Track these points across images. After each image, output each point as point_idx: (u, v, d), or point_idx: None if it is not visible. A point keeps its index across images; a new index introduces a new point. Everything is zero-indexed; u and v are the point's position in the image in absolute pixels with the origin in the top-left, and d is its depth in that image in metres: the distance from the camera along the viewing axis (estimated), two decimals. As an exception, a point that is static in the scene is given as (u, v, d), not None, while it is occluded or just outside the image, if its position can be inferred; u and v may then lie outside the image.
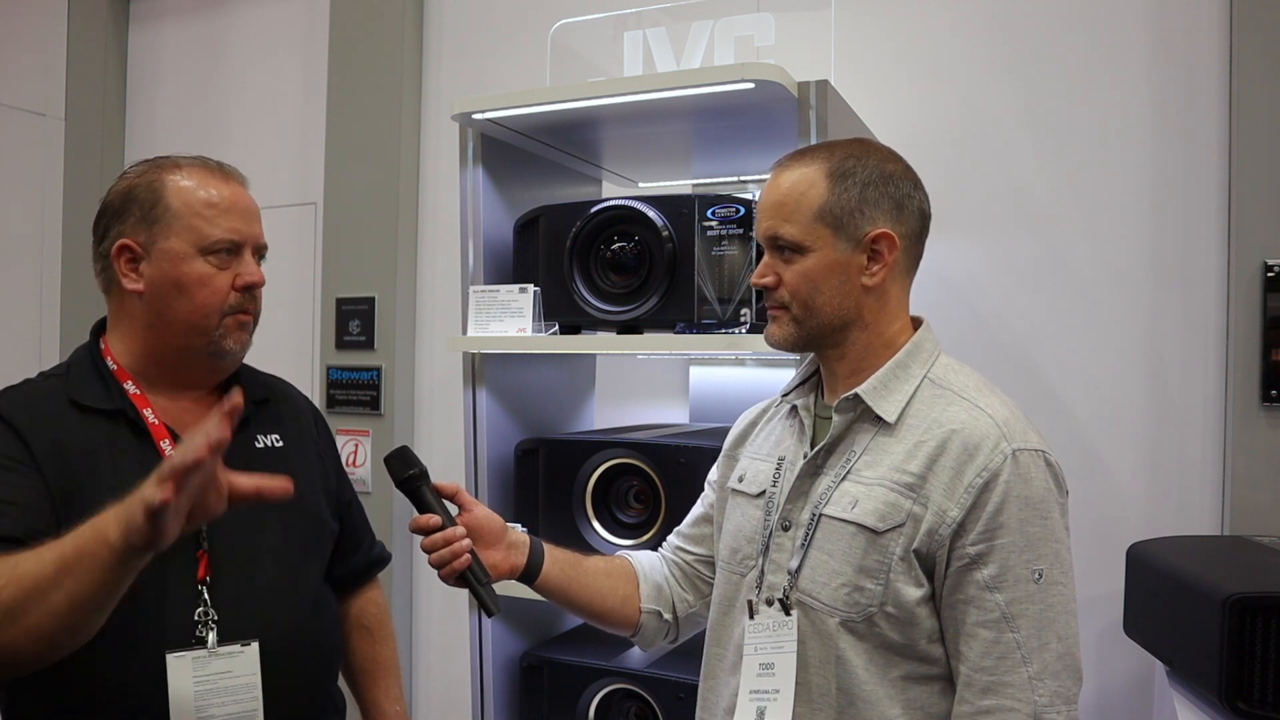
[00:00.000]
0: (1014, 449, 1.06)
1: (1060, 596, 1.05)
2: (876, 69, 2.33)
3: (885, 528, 1.07)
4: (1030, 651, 1.03)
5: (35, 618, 0.98)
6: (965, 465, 1.06)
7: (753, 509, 1.22)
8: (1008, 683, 1.03)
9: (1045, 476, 1.07)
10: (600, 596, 1.32)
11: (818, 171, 1.14)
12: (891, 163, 1.16)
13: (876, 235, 1.12)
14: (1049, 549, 1.05)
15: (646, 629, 1.34)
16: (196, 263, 1.23)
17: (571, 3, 2.56)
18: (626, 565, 1.37)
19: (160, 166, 1.27)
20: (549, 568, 1.30)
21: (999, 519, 1.04)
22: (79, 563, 0.96)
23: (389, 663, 1.52)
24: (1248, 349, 1.96)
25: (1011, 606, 1.04)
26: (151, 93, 3.47)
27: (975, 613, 1.05)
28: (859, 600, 1.08)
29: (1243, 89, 1.98)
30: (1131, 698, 2.08)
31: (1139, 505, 2.10)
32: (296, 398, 1.47)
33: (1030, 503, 1.05)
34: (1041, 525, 1.05)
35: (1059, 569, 1.06)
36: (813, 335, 1.16)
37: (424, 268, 2.91)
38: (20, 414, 1.18)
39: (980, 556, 1.05)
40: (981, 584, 1.05)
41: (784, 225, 1.14)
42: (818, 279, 1.13)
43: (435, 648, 2.86)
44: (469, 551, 1.20)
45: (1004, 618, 1.04)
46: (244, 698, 1.19)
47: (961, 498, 1.06)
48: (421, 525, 1.20)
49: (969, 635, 1.05)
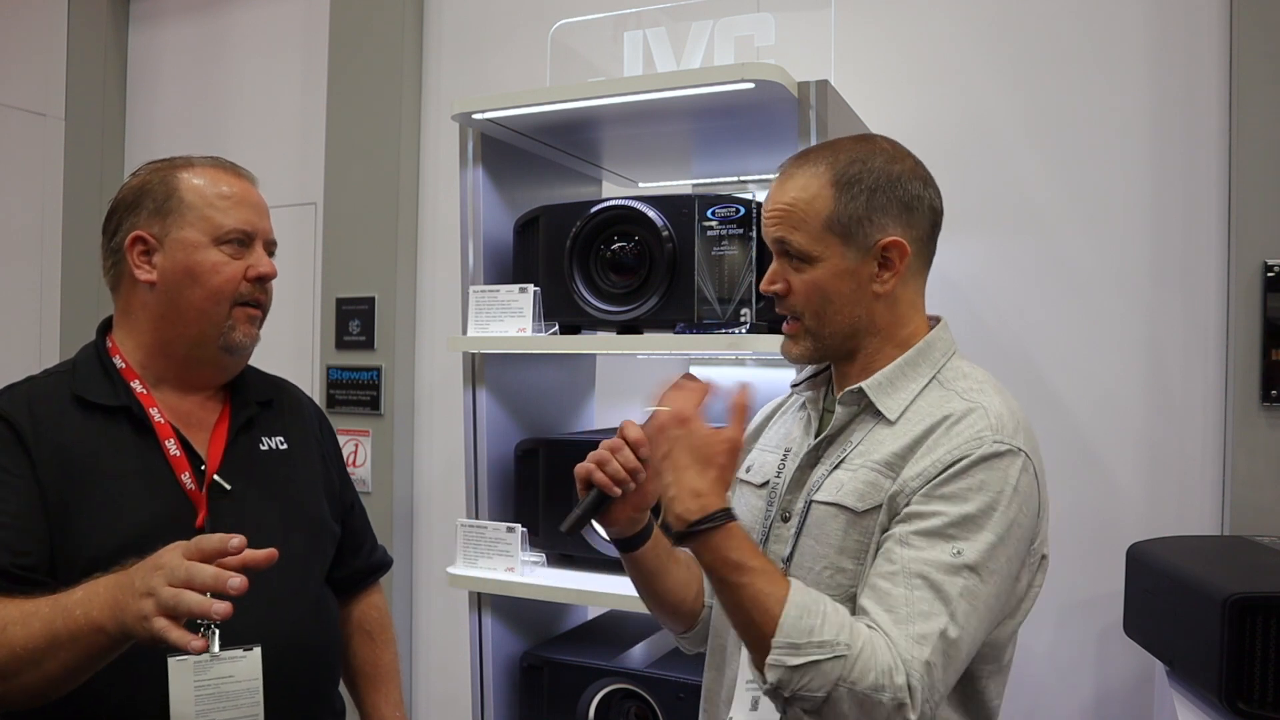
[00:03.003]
0: (994, 439, 1.04)
1: (970, 583, 0.98)
2: (876, 69, 2.33)
3: (864, 507, 1.06)
4: (917, 614, 0.97)
5: (29, 679, 1.01)
6: (940, 444, 1.05)
7: (756, 499, 1.22)
8: (889, 636, 0.96)
9: (1016, 475, 1.03)
10: (680, 587, 1.30)
11: (824, 178, 1.12)
12: (898, 163, 1.14)
13: (887, 244, 1.11)
14: (982, 537, 1.00)
15: (701, 625, 1.32)
16: (210, 252, 1.25)
17: (571, 3, 2.56)
18: (695, 563, 1.36)
19: (174, 164, 1.30)
20: (651, 546, 1.25)
21: (945, 489, 1.01)
22: (72, 642, 0.99)
23: (390, 668, 1.51)
24: (1248, 349, 1.96)
25: (915, 565, 0.98)
26: (151, 93, 3.47)
27: (882, 564, 1.01)
28: (840, 581, 1.07)
29: (1243, 89, 1.98)
30: (1131, 698, 2.08)
31: (1139, 505, 2.10)
32: (301, 399, 1.48)
33: (986, 488, 1.01)
34: (985, 512, 1.00)
35: (983, 560, 0.99)
36: (829, 347, 1.16)
37: (424, 268, 2.91)
38: (24, 415, 1.18)
39: (911, 516, 1.02)
40: (897, 538, 1.01)
41: (792, 234, 1.13)
42: (828, 289, 1.12)
43: (435, 648, 2.86)
44: (620, 489, 1.15)
45: (903, 572, 0.98)
46: (245, 703, 1.19)
47: (926, 470, 1.04)
48: (638, 437, 1.15)
49: (869, 585, 1.01)
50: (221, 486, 1.25)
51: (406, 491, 2.86)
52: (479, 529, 1.85)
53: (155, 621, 0.93)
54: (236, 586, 0.94)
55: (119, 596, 0.97)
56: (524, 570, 1.82)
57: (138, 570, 0.97)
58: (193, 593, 0.93)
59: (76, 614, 0.98)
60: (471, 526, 1.86)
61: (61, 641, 0.98)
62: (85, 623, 0.97)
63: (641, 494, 1.19)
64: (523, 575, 1.81)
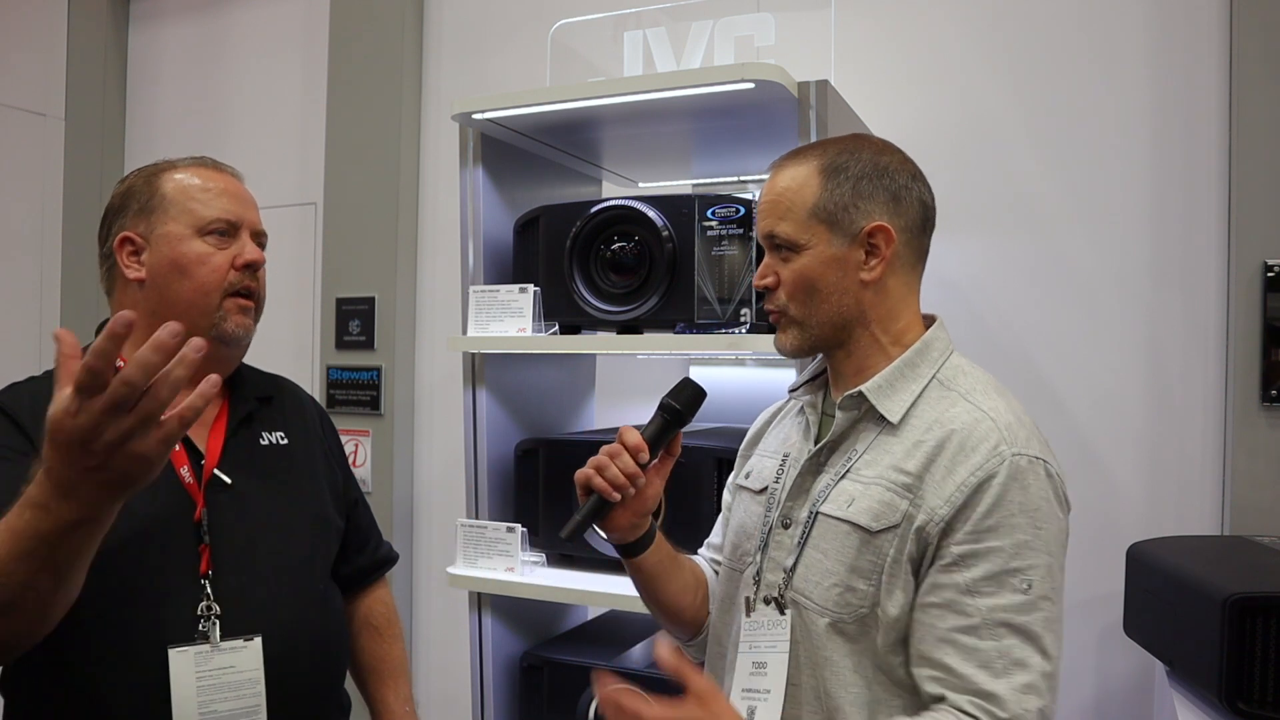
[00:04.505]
0: (1013, 453, 1.03)
1: (1048, 613, 1.00)
2: (876, 69, 2.33)
3: (879, 527, 1.05)
4: (1013, 663, 0.98)
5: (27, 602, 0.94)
6: (959, 464, 1.03)
7: (755, 505, 1.21)
8: (992, 693, 0.97)
9: (1044, 486, 1.03)
10: (683, 594, 1.29)
11: (812, 168, 1.13)
12: (887, 155, 1.15)
13: (872, 229, 1.11)
14: (1040, 560, 1.01)
15: (705, 633, 1.32)
16: (195, 243, 1.26)
17: (571, 3, 2.56)
18: (699, 570, 1.34)
19: (158, 168, 1.32)
20: (652, 553, 1.25)
21: (989, 521, 1.00)
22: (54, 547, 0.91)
23: (398, 662, 1.51)
24: (1248, 349, 1.96)
25: (995, 614, 0.99)
26: (151, 93, 3.47)
27: (954, 618, 1.00)
28: (850, 601, 1.06)
29: (1243, 89, 1.98)
30: (1131, 698, 2.08)
31: (1139, 505, 2.10)
32: (301, 395, 1.48)
33: (1025, 509, 1.01)
34: (1035, 534, 1.01)
35: (1049, 585, 1.01)
36: (819, 337, 1.15)
37: (424, 268, 2.91)
38: (24, 409, 1.19)
39: (964, 558, 1.01)
40: (963, 588, 1.00)
41: (779, 223, 1.14)
42: (814, 276, 1.12)
43: (435, 647, 2.86)
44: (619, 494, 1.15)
45: (985, 624, 0.99)
46: (247, 693, 1.19)
47: (953, 496, 1.02)
48: (637, 444, 1.16)
49: (943, 641, 1.00)
50: (222, 480, 1.25)
51: (406, 491, 2.86)
52: (479, 529, 1.85)
53: (153, 443, 0.85)
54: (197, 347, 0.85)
55: (77, 488, 0.87)
56: (524, 570, 1.82)
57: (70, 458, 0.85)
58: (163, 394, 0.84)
59: (42, 528, 0.89)
60: (471, 526, 1.86)
61: (40, 554, 0.90)
62: (57, 526, 0.89)
63: (641, 499, 1.19)
64: (523, 575, 1.81)
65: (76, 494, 0.88)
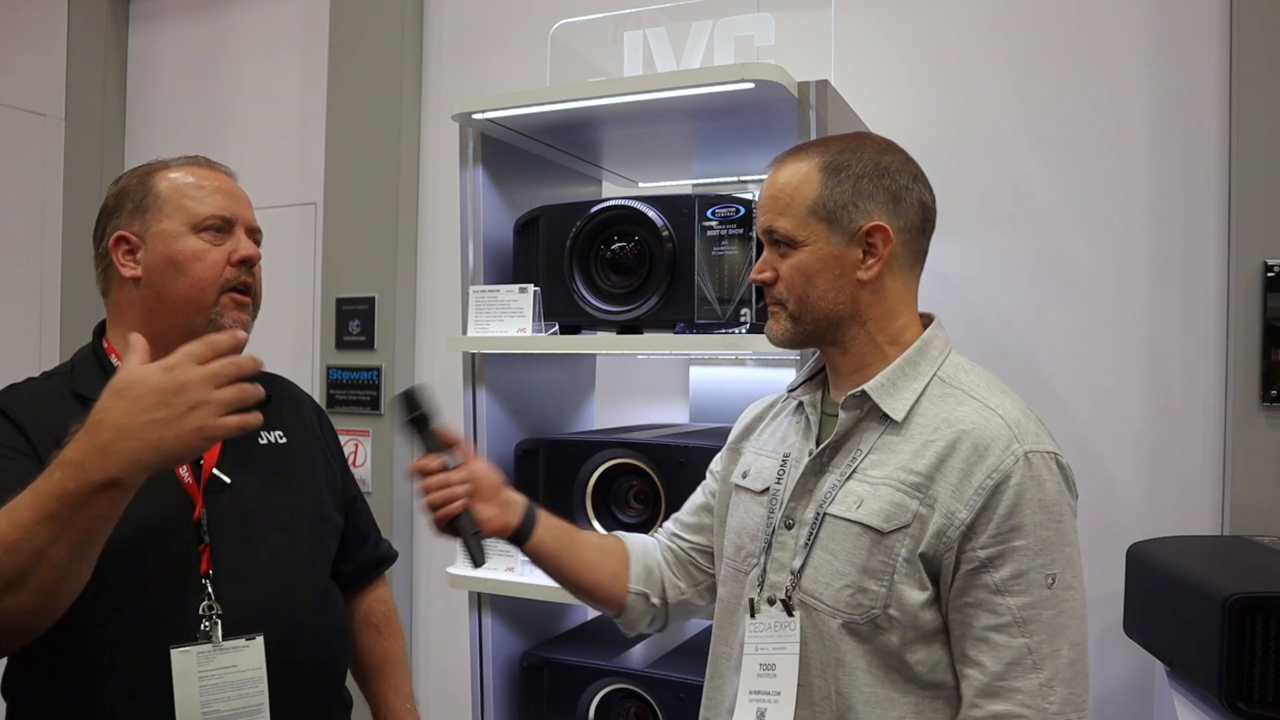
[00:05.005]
0: (1026, 450, 1.05)
1: (1073, 602, 1.04)
2: (876, 69, 2.33)
3: (890, 528, 1.06)
4: (1042, 658, 1.02)
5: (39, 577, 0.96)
6: (975, 466, 1.05)
7: (756, 506, 1.21)
8: (1018, 689, 1.01)
9: (1058, 479, 1.06)
10: (589, 570, 1.32)
11: (813, 165, 1.14)
12: (888, 155, 1.15)
13: (871, 228, 1.11)
14: (1062, 553, 1.04)
15: (632, 610, 1.34)
16: (190, 240, 1.26)
17: (571, 3, 2.56)
18: (619, 544, 1.37)
19: (151, 167, 1.32)
20: (541, 533, 1.30)
21: (1011, 521, 1.03)
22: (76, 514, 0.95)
23: (398, 659, 1.52)
24: (1248, 349, 1.96)
25: (1024, 611, 1.02)
26: (151, 93, 3.47)
27: (986, 617, 1.03)
28: (862, 602, 1.07)
29: (1243, 89, 1.98)
30: (1131, 698, 2.08)
31: (1139, 505, 2.10)
32: (299, 394, 1.48)
33: (1044, 506, 1.04)
34: (1055, 529, 1.04)
35: (1071, 574, 1.05)
36: (810, 331, 1.16)
37: (424, 268, 2.91)
38: (22, 408, 1.19)
39: (992, 560, 1.03)
40: (993, 588, 1.03)
41: (778, 219, 1.14)
42: (812, 273, 1.13)
43: (435, 646, 2.86)
44: (463, 500, 1.22)
45: (1015, 622, 1.02)
46: (250, 692, 1.19)
47: (971, 499, 1.04)
48: (421, 466, 1.22)
49: (978, 639, 1.04)
50: (221, 480, 1.25)
51: (406, 491, 2.86)
52: (479, 529, 1.85)
53: (225, 422, 0.98)
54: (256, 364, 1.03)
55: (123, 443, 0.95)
56: (524, 570, 1.81)
57: (140, 405, 0.96)
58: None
59: (70, 487, 0.94)
60: (471, 526, 1.86)
61: (63, 517, 0.94)
62: (86, 487, 0.94)
63: (480, 487, 1.25)
64: (523, 575, 1.81)
65: (119, 449, 0.95)
